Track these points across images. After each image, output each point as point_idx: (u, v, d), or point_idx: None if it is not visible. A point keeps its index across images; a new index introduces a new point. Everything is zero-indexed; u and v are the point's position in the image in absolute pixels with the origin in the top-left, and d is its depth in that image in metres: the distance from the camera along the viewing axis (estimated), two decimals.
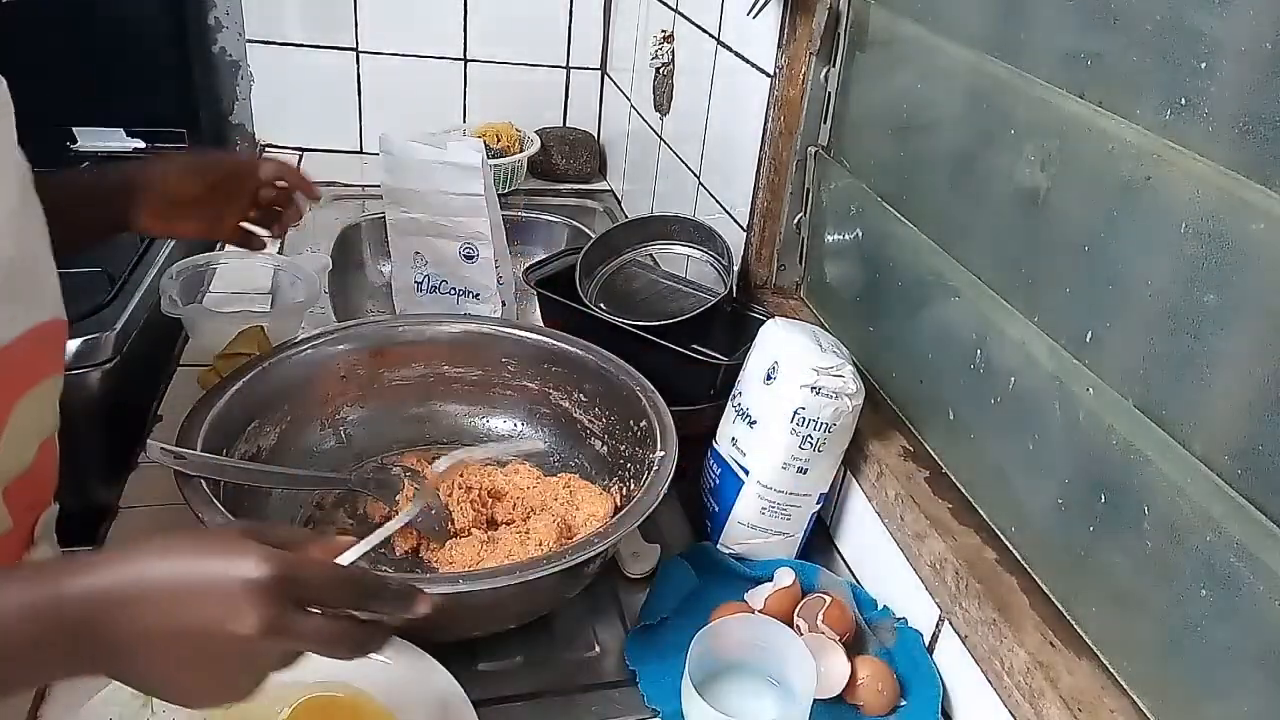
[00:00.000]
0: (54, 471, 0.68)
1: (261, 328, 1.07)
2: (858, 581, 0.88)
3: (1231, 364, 0.54)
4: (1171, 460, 0.57)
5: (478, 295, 1.21)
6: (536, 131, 1.78)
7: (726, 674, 0.74)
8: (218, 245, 1.28)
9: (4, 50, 0.55)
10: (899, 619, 0.80)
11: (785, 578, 0.82)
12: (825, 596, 0.79)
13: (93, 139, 1.62)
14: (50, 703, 0.68)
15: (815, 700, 0.69)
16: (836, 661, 0.74)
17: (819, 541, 0.92)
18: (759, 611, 0.79)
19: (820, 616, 0.77)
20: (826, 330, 0.94)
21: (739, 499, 0.87)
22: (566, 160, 1.78)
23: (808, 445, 0.83)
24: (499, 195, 1.22)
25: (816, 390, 0.81)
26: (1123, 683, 0.62)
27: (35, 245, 0.62)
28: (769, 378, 0.84)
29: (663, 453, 0.81)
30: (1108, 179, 0.62)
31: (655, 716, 0.72)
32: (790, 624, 0.77)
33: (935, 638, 0.76)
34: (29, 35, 1.50)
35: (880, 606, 0.83)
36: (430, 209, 1.17)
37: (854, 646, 0.77)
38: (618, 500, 0.87)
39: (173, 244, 1.32)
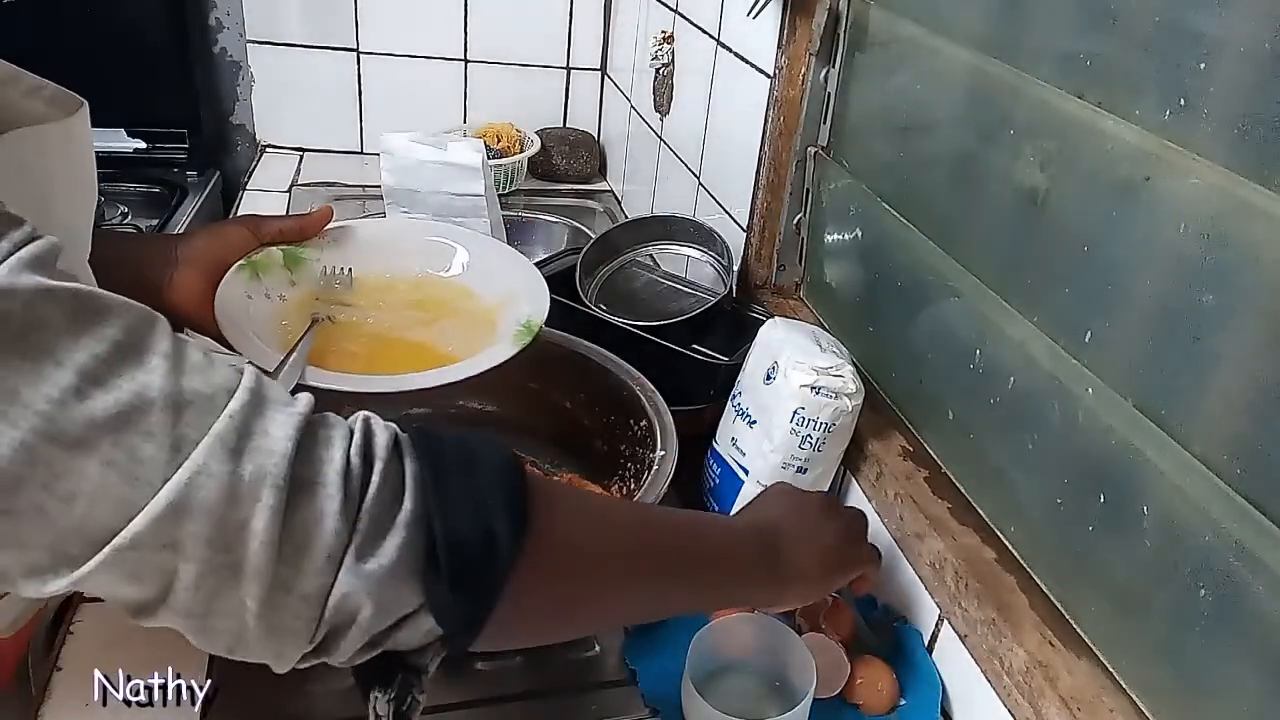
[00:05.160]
0: None
1: None
2: None
3: (1231, 364, 0.54)
4: (1170, 460, 0.57)
5: None
6: (536, 132, 1.78)
7: (726, 673, 0.74)
8: None
9: (4, 50, 0.54)
10: (898, 618, 0.80)
11: None
12: (827, 597, 0.79)
13: (94, 139, 1.62)
14: (50, 703, 0.68)
15: (815, 699, 0.69)
16: (836, 661, 0.74)
17: None
18: (760, 611, 0.79)
19: (822, 617, 0.77)
20: (826, 330, 0.94)
21: (739, 499, 0.87)
22: (566, 160, 1.78)
23: (807, 445, 0.83)
24: (499, 196, 1.22)
25: (816, 390, 0.81)
26: (1122, 682, 0.62)
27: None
28: (769, 378, 0.85)
29: (663, 452, 0.81)
30: (1107, 179, 0.62)
31: (655, 716, 0.72)
32: (792, 623, 0.77)
33: (935, 637, 0.76)
34: (29, 35, 1.50)
35: (880, 606, 0.83)
36: (431, 209, 1.17)
37: (854, 646, 0.77)
38: None
39: None
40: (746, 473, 0.86)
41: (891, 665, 0.76)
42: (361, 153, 1.81)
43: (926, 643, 0.77)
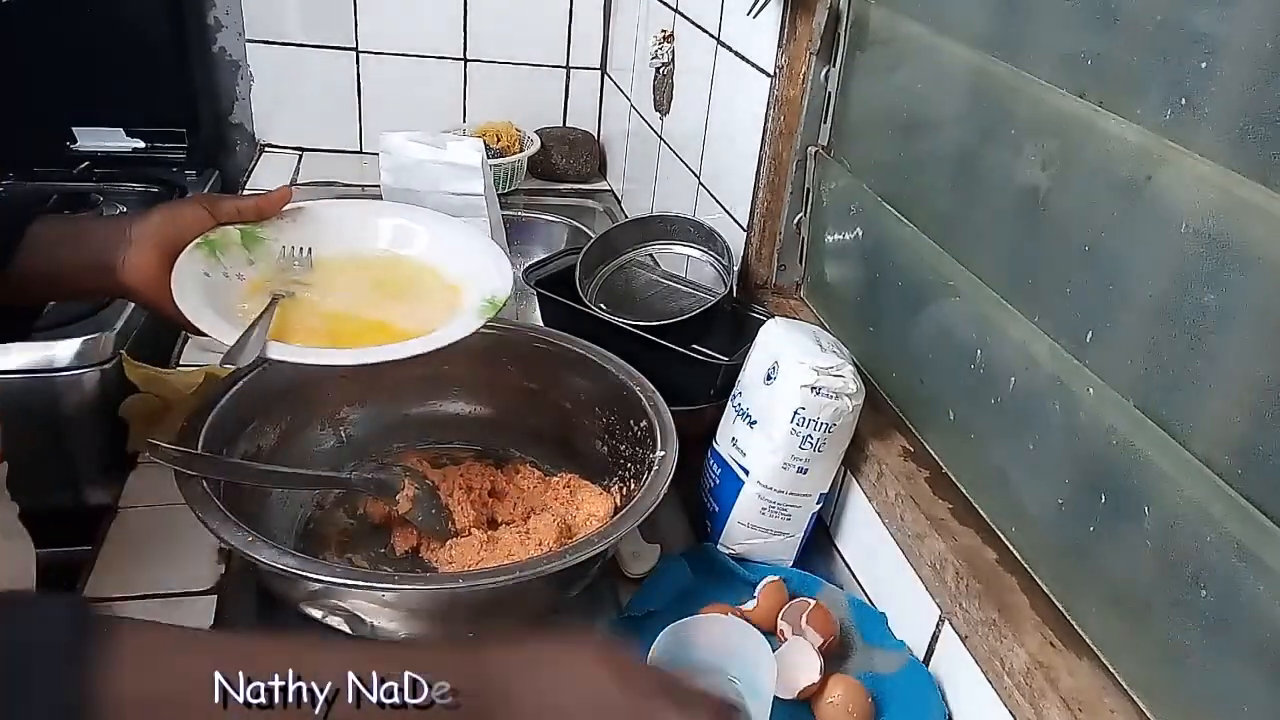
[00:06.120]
0: None
1: None
2: (858, 582, 0.88)
3: (1232, 364, 0.54)
4: (1172, 460, 0.57)
5: None
6: (536, 131, 1.78)
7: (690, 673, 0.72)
8: None
9: (4, 50, 0.54)
10: (912, 655, 0.77)
11: (771, 583, 0.82)
12: (810, 600, 0.79)
13: (93, 139, 1.62)
14: None
15: (782, 703, 0.68)
16: (807, 663, 0.73)
17: (819, 542, 0.92)
18: (747, 614, 0.79)
19: (804, 619, 0.77)
20: (826, 330, 0.94)
21: (739, 499, 0.87)
22: (566, 160, 1.77)
23: (808, 445, 0.83)
24: (499, 195, 1.22)
25: (816, 390, 0.81)
26: (1123, 683, 0.61)
27: None
28: (769, 378, 0.84)
29: (663, 453, 0.81)
30: (1108, 179, 0.62)
31: None
32: (775, 626, 0.78)
33: (935, 638, 0.76)
34: (29, 35, 1.50)
35: (897, 639, 0.80)
36: (429, 209, 1.17)
37: (839, 664, 0.77)
38: (618, 500, 0.87)
39: None
40: (747, 473, 0.86)
41: (876, 693, 0.73)
42: (361, 152, 1.80)
43: (926, 644, 0.77)
